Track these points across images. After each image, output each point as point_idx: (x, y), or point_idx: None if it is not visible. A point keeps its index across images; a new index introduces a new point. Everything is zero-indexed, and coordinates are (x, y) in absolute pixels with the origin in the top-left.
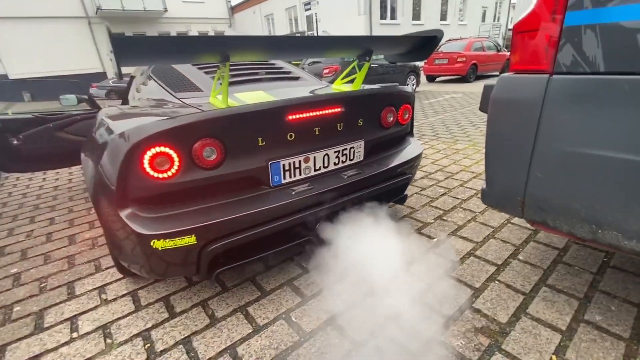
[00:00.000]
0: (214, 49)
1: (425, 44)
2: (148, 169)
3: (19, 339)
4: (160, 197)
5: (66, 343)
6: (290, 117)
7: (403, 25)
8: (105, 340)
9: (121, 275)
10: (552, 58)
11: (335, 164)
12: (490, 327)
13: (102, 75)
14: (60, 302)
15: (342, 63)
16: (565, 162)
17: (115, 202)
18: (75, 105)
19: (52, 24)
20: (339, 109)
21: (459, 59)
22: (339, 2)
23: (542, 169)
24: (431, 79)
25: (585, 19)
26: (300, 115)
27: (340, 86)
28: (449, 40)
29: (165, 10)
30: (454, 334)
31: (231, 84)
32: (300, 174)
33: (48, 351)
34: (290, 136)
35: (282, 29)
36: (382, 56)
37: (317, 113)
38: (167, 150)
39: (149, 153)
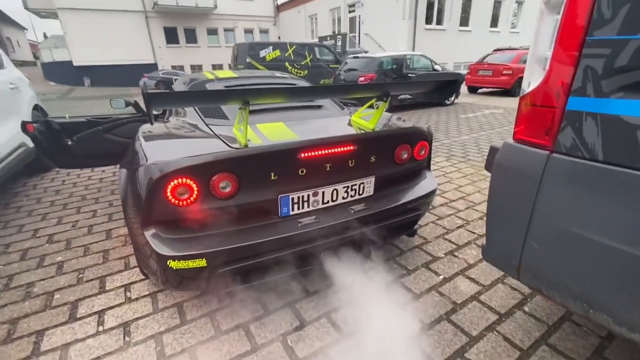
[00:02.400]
0: (236, 97)
1: (446, 86)
2: (170, 197)
3: (56, 326)
4: (179, 221)
5: (92, 335)
6: (303, 155)
7: (449, 31)
8: (124, 338)
9: (143, 276)
10: (554, 136)
11: (343, 198)
12: None
13: (153, 67)
14: (92, 295)
15: (378, 72)
16: (558, 238)
17: (142, 222)
18: (123, 108)
19: (112, 17)
20: (352, 148)
21: (504, 72)
22: (384, 5)
23: (537, 240)
24: (473, 90)
25: (587, 106)
26: (313, 154)
27: (359, 120)
28: (496, 50)
29: (215, 7)
30: None
31: (252, 112)
32: (308, 207)
33: (77, 340)
34: (302, 171)
35: (324, 29)
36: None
37: (330, 151)
38: (188, 182)
39: (173, 183)
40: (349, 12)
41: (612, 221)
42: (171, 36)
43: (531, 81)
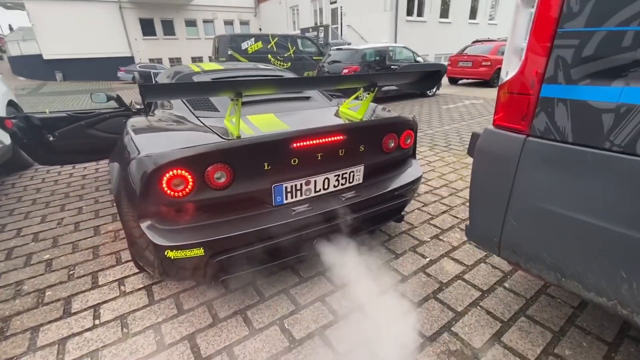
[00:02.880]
0: (229, 88)
1: (430, 76)
2: (166, 188)
3: (50, 322)
4: (175, 212)
5: (89, 329)
6: (295, 145)
7: (430, 23)
8: (122, 330)
9: (138, 270)
10: (529, 121)
11: (334, 186)
12: (463, 351)
13: (129, 60)
14: (85, 290)
15: (362, 63)
16: (534, 215)
17: (137, 214)
18: (105, 102)
19: (84, 7)
20: (342, 137)
21: (483, 63)
22: None
23: (515, 217)
24: (453, 81)
25: (558, 93)
26: (305, 144)
27: (347, 110)
28: (475, 41)
29: None
30: (428, 355)
31: (243, 104)
32: (301, 195)
33: (74, 335)
34: (294, 161)
35: (306, 21)
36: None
37: (321, 141)
38: (183, 173)
39: (168, 175)
40: (331, 3)
41: (580, 197)
42: (148, 28)
43: (509, 70)
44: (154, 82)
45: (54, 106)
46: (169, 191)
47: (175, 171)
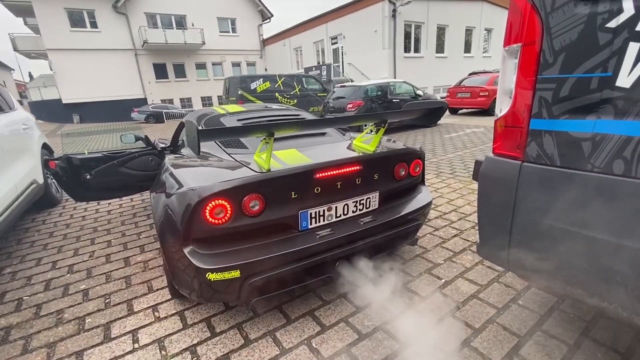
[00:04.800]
0: (263, 130)
1: (433, 112)
2: (208, 217)
3: (93, 346)
4: (214, 238)
5: (130, 352)
6: (318, 176)
7: (427, 58)
8: (160, 352)
9: (169, 297)
10: (523, 149)
11: (353, 211)
12: None
13: (142, 101)
14: (122, 317)
15: (365, 98)
16: (535, 230)
17: (180, 241)
18: (133, 142)
19: (102, 56)
20: (358, 167)
21: (481, 93)
22: (364, 37)
23: (520, 233)
24: (454, 111)
25: (544, 125)
26: (326, 174)
27: (360, 144)
28: (472, 73)
29: (203, 43)
30: None
31: None
32: (324, 220)
33: (117, 357)
34: (317, 190)
35: (309, 60)
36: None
37: (340, 171)
38: (224, 202)
39: (211, 205)
40: (332, 43)
41: (570, 211)
42: (160, 71)
43: (502, 108)
44: (164, 120)
45: (73, 147)
46: (210, 219)
47: (216, 201)
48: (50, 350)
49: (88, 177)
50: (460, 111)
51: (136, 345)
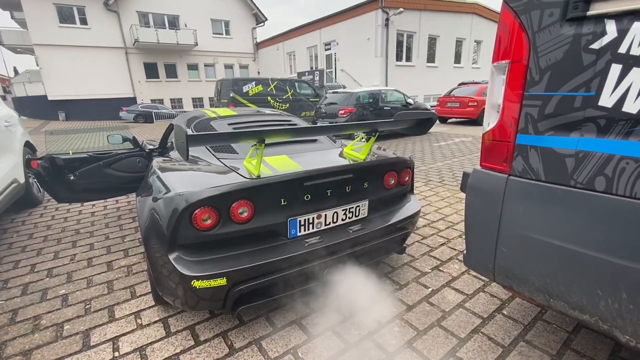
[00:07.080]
0: (255, 136)
1: (423, 122)
2: (195, 223)
3: (70, 354)
4: (200, 244)
5: None
6: (308, 183)
7: (418, 67)
8: None
9: (153, 303)
10: (510, 163)
11: (342, 219)
12: None
13: (132, 100)
14: (103, 324)
15: (357, 105)
16: (520, 242)
17: (166, 246)
18: (120, 143)
19: (92, 53)
20: (348, 176)
21: (470, 103)
22: (357, 44)
23: (505, 245)
24: (443, 120)
25: (530, 141)
26: (317, 181)
27: (351, 152)
28: (461, 84)
29: (196, 44)
30: None
31: None
32: (313, 228)
33: None
34: (307, 197)
35: (302, 65)
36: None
37: (330, 179)
38: (211, 209)
39: (198, 211)
40: (325, 49)
41: (555, 225)
42: (151, 71)
43: (490, 122)
44: (154, 120)
45: (56, 145)
46: (197, 225)
47: (204, 207)
48: (26, 358)
49: (72, 177)
50: (449, 120)
51: (116, 354)
